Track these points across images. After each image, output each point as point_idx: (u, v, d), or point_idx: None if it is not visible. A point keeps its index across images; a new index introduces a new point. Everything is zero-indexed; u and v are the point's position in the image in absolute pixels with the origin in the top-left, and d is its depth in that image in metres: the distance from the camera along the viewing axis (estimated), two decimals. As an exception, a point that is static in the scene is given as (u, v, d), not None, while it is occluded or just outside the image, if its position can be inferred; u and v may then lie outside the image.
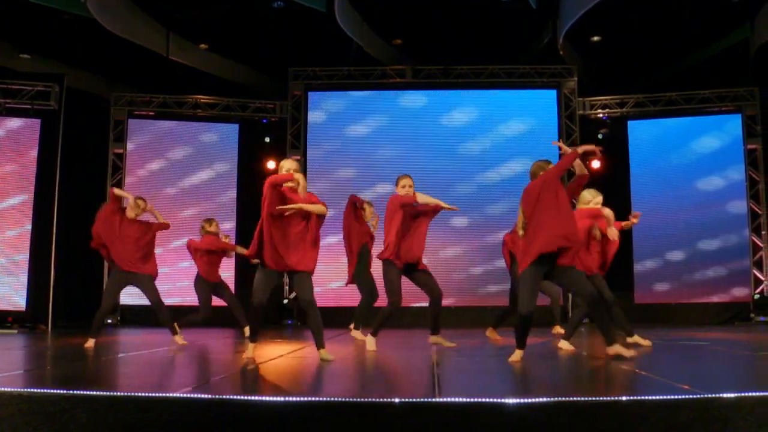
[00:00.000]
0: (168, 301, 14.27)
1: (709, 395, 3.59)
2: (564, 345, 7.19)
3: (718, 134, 14.77)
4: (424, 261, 7.93)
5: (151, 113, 15.23)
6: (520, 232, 6.12)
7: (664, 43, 14.65)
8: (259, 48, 15.26)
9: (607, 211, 7.39)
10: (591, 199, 7.42)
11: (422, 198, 7.12)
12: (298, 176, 6.15)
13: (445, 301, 9.14)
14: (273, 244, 5.97)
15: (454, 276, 14.17)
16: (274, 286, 6.32)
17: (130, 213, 8.28)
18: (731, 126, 14.71)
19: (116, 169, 14.82)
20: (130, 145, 14.97)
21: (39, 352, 7.51)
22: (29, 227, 12.95)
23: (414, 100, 15.31)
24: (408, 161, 14.91)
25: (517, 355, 5.97)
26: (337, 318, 11.91)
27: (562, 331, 9.39)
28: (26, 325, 12.24)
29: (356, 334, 9.28)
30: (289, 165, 6.28)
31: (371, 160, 15.03)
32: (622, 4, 12.56)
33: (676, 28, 14.09)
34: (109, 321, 14.24)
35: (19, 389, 3.76)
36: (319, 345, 6.12)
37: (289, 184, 5.98)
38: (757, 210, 14.32)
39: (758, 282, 14.18)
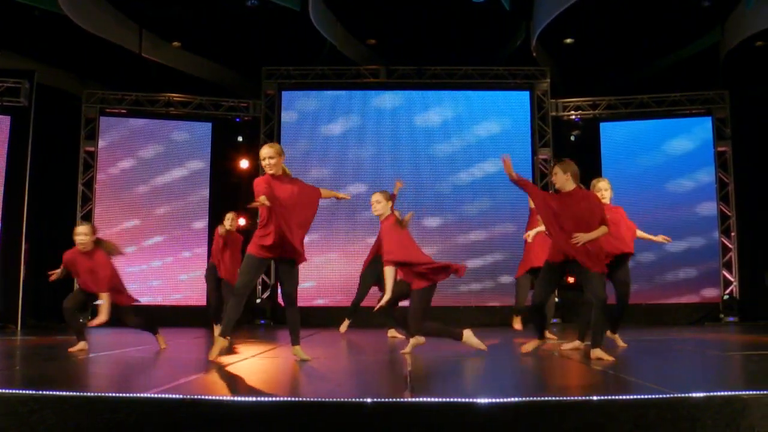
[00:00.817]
0: (141, 301, 14.30)
1: (678, 395, 3.62)
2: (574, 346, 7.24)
3: (688, 136, 14.92)
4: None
5: (123, 111, 15.12)
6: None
7: (637, 46, 14.78)
8: (233, 46, 15.19)
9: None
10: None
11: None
12: (272, 161, 6.09)
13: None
14: (281, 231, 5.98)
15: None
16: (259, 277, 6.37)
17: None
18: (701, 128, 14.86)
19: (87, 167, 14.70)
20: (101, 143, 14.84)
21: (7, 352, 7.44)
22: (-2, 225, 12.84)
23: (388, 100, 15.31)
24: (382, 161, 14.99)
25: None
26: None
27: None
28: (-5, 325, 12.15)
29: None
30: (264, 153, 6.21)
31: (345, 159, 15.04)
32: (595, 7, 12.64)
33: (648, 31, 14.21)
34: (80, 320, 14.11)
35: (-14, 389, 3.72)
36: (295, 341, 6.11)
37: (258, 203, 5.89)
38: (726, 212, 14.49)
39: (728, 283, 14.35)
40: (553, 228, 6.33)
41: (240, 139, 15.45)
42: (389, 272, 6.70)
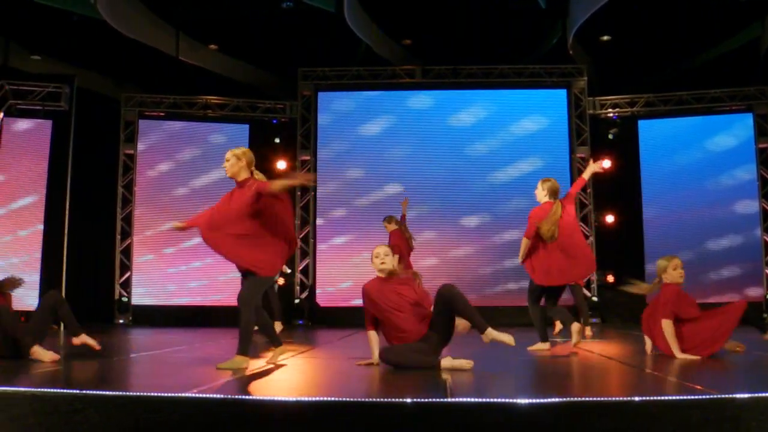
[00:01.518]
0: (178, 301, 14.43)
1: (722, 396, 3.56)
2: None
3: (729, 133, 14.69)
4: (435, 261, 7.95)
5: (161, 114, 15.28)
6: None
7: (674, 42, 14.57)
8: (269, 48, 15.26)
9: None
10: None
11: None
12: (227, 164, 5.79)
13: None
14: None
15: (465, 276, 14.10)
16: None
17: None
18: (742, 125, 14.63)
19: (127, 170, 14.87)
20: (140, 146, 15.02)
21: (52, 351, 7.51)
22: (41, 227, 13.03)
23: (423, 99, 15.31)
24: (417, 161, 14.95)
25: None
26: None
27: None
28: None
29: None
30: (227, 156, 5.91)
31: (381, 160, 15.05)
32: (631, 4, 12.53)
33: (685, 27, 14.02)
34: (121, 321, 14.30)
35: (32, 389, 3.76)
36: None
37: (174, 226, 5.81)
38: (769, 209, 14.26)
39: (771, 282, 14.10)
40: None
41: (277, 140, 15.52)
42: None
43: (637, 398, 3.55)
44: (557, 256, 7.09)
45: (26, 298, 12.79)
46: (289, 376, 5.14)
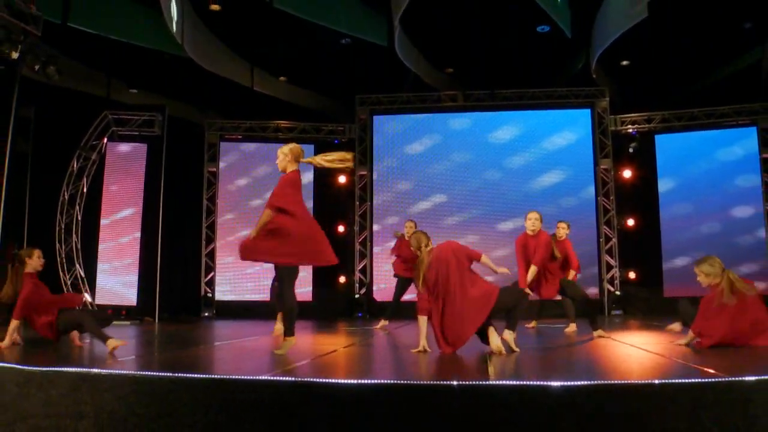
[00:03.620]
0: (254, 297, 14.53)
1: (732, 378, 3.50)
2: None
3: (736, 145, 14.43)
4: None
5: (239, 137, 15.47)
6: None
7: (686, 65, 14.35)
8: (330, 78, 15.36)
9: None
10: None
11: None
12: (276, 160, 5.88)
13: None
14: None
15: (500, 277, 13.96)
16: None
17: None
18: (748, 138, 14.37)
19: (210, 185, 15.09)
20: (221, 164, 15.23)
21: (147, 341, 7.65)
22: (138, 235, 13.25)
23: (464, 121, 15.27)
24: (459, 174, 14.93)
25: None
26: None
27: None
28: (137, 318, 12.49)
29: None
30: (277, 153, 6.02)
31: (427, 174, 15.06)
32: (647, 33, 12.33)
33: (696, 52, 13.82)
34: (206, 314, 14.49)
35: (132, 372, 3.83)
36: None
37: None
38: (773, 212, 13.94)
39: (776, 277, 13.77)
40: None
41: (338, 158, 15.55)
42: None
43: (656, 381, 3.49)
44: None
45: (127, 295, 13.09)
46: (349, 362, 5.15)
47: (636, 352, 5.63)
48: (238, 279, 14.92)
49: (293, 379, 3.70)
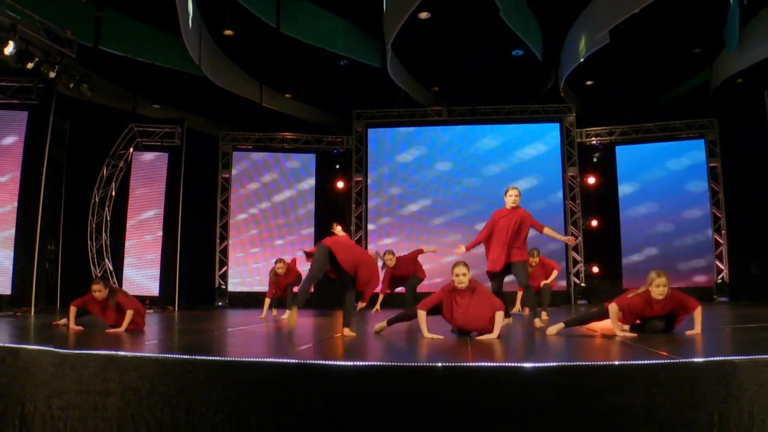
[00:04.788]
0: (263, 288, 14.45)
1: (683, 360, 3.52)
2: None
3: (686, 156, 14.51)
4: (458, 258, 7.88)
5: (249, 147, 15.45)
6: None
7: (643, 85, 14.46)
8: (330, 95, 15.38)
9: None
10: None
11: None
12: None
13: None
14: None
15: (481, 268, 13.98)
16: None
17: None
18: (697, 149, 14.44)
19: (224, 189, 15.07)
20: (234, 171, 15.21)
21: (168, 327, 7.63)
22: (160, 233, 13.20)
23: (448, 133, 15.27)
24: (443, 181, 14.94)
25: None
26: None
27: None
28: (159, 307, 12.46)
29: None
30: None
31: (415, 180, 15.06)
32: (608, 57, 12.39)
33: (652, 73, 13.91)
34: (220, 303, 14.46)
35: (155, 354, 3.82)
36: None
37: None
38: (718, 214, 14.09)
39: (719, 270, 13.91)
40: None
41: (337, 166, 15.60)
42: None
43: (616, 362, 3.50)
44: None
45: (151, 287, 13.04)
46: (346, 346, 5.15)
47: (597, 339, 5.64)
48: (248, 273, 14.91)
49: (296, 360, 3.70)
